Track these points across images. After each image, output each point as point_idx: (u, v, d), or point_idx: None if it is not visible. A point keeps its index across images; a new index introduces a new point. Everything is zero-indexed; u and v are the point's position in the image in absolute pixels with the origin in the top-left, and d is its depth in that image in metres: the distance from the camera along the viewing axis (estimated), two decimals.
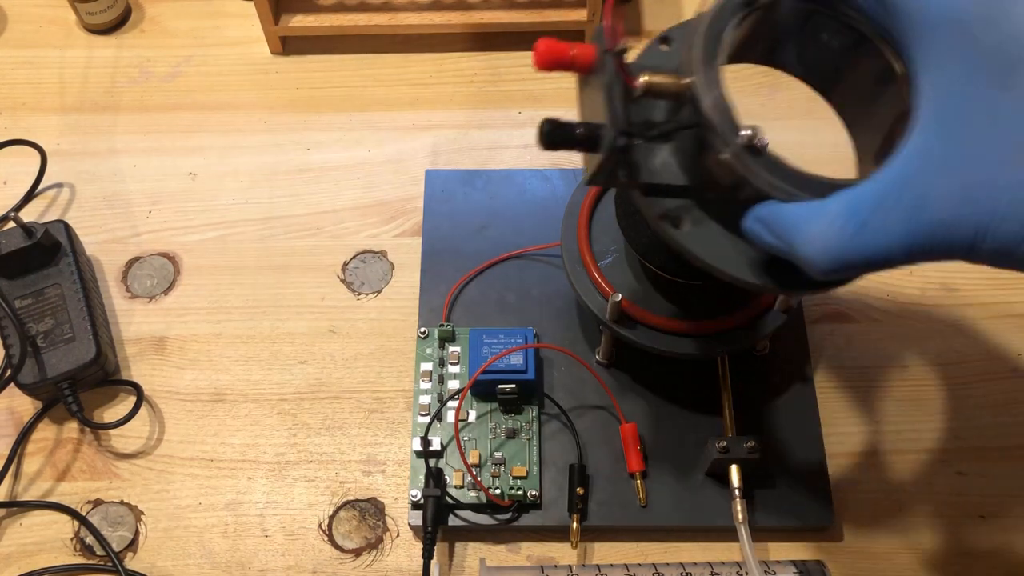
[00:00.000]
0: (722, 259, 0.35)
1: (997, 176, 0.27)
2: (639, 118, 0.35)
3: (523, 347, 0.48)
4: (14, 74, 0.66)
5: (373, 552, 0.49)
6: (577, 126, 0.34)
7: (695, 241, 0.35)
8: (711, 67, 0.33)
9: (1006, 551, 0.48)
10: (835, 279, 0.32)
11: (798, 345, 0.52)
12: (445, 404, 0.50)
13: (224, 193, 0.60)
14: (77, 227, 0.57)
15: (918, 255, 0.28)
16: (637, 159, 0.35)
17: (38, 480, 0.51)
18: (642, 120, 0.35)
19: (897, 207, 0.28)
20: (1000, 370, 0.53)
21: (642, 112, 0.35)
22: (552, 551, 0.49)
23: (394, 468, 0.51)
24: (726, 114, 0.32)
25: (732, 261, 0.35)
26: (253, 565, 0.48)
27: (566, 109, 0.64)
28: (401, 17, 0.64)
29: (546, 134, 0.34)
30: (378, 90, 0.65)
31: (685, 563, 0.46)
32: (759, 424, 0.50)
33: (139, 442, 0.52)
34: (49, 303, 0.52)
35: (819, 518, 0.48)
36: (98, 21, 0.66)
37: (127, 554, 0.49)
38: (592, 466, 0.49)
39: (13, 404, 0.53)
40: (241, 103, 0.64)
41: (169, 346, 0.55)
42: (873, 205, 0.29)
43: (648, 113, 0.36)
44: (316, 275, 0.57)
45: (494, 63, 0.66)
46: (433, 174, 0.59)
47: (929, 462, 0.51)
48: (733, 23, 0.34)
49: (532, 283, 0.54)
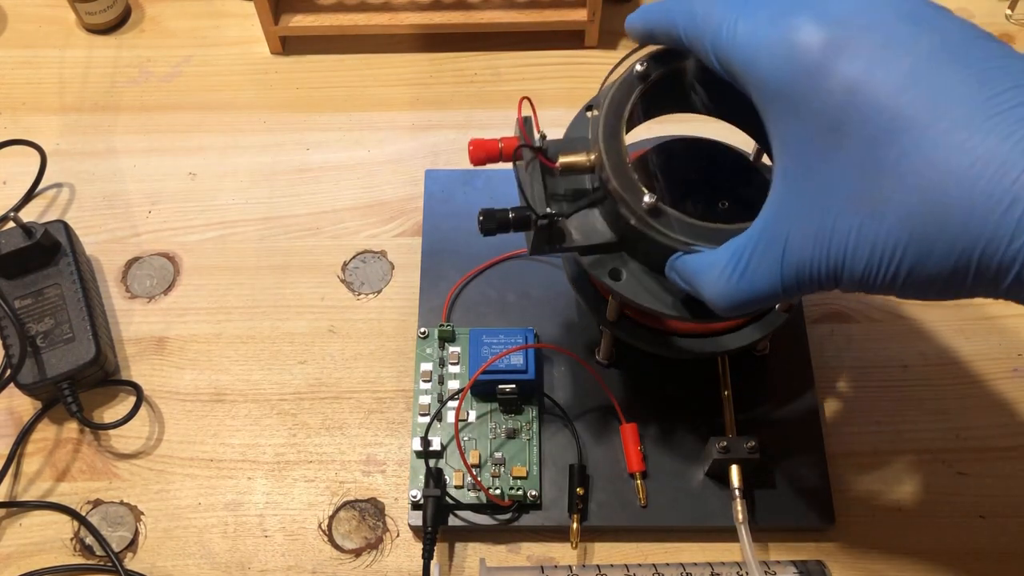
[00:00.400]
0: (655, 300, 0.40)
1: (838, 222, 0.31)
2: (570, 188, 0.41)
3: (523, 347, 0.48)
4: (14, 74, 0.66)
5: (373, 552, 0.49)
6: (509, 211, 0.40)
7: (631, 289, 0.40)
8: (614, 142, 0.38)
9: (1006, 551, 0.48)
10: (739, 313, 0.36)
11: (798, 345, 0.52)
12: (445, 404, 0.50)
13: (224, 193, 0.60)
14: (77, 227, 0.57)
15: (794, 291, 0.33)
16: (570, 226, 0.40)
17: (38, 480, 0.51)
18: (573, 189, 0.41)
19: (766, 254, 0.33)
20: (1000, 370, 0.53)
21: (573, 183, 0.41)
22: (552, 551, 0.49)
23: (394, 468, 0.51)
24: (629, 184, 0.37)
25: (664, 301, 0.40)
26: (253, 565, 0.48)
27: (565, 109, 0.63)
28: (401, 17, 0.64)
29: (481, 223, 0.40)
30: (378, 90, 0.65)
31: (685, 563, 0.46)
32: (759, 424, 0.50)
33: (139, 442, 0.52)
34: (49, 303, 0.52)
35: (819, 518, 0.48)
36: (98, 21, 0.66)
37: (127, 554, 0.49)
38: (592, 466, 0.49)
39: (13, 404, 0.53)
40: (241, 103, 0.64)
41: (169, 346, 0.55)
42: (748, 253, 0.34)
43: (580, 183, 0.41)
44: (316, 275, 0.57)
45: (494, 63, 0.66)
46: (433, 174, 0.59)
47: (929, 462, 0.51)
48: (635, 95, 0.39)
49: (532, 283, 0.54)
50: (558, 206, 0.40)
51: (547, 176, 0.40)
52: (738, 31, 0.33)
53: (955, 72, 0.29)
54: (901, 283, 0.30)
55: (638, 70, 0.40)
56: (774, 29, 0.31)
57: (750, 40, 0.32)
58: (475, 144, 0.41)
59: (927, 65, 0.29)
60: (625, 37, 0.67)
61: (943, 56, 0.29)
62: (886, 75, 0.29)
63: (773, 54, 0.31)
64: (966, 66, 0.29)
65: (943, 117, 0.28)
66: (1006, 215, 0.27)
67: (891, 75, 0.29)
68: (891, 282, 0.30)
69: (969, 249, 0.28)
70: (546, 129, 0.45)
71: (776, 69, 0.31)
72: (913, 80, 0.29)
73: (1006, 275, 0.28)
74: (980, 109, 0.28)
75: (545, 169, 0.40)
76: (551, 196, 0.40)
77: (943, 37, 0.30)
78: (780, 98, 0.32)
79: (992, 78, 0.29)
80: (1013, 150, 0.27)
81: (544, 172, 0.40)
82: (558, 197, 0.41)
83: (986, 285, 0.29)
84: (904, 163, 0.29)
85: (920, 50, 0.29)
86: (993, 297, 0.30)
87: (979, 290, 0.29)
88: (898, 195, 0.29)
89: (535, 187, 0.39)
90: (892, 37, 0.30)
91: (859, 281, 0.31)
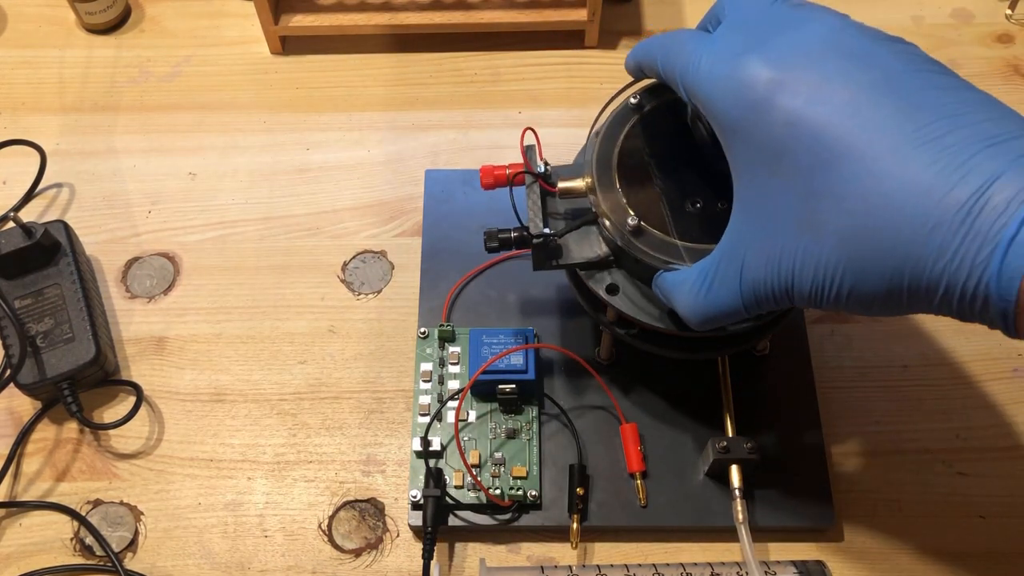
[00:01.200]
0: (648, 315, 0.43)
1: (785, 245, 0.33)
2: (570, 208, 0.45)
3: (523, 347, 0.48)
4: (14, 74, 0.66)
5: (373, 552, 0.49)
6: (511, 231, 0.44)
7: (626, 304, 0.43)
8: (606, 170, 0.42)
9: (1006, 551, 0.48)
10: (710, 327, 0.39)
11: (798, 345, 0.52)
12: (445, 404, 0.50)
13: (224, 193, 0.60)
14: (77, 227, 0.57)
15: (754, 308, 0.36)
16: (568, 243, 0.44)
17: (38, 480, 0.51)
18: (572, 209, 0.45)
19: (727, 274, 0.36)
20: (1000, 370, 0.53)
21: (572, 203, 0.45)
22: (552, 551, 0.48)
23: (394, 468, 0.51)
24: (617, 207, 0.41)
25: (655, 316, 0.43)
26: (253, 565, 0.48)
27: (565, 109, 0.64)
28: (401, 17, 0.64)
29: (486, 242, 0.44)
30: (378, 90, 0.65)
31: (685, 563, 0.46)
32: (759, 424, 0.50)
33: (139, 442, 0.52)
34: (49, 303, 0.52)
35: (819, 518, 0.48)
36: (98, 21, 0.66)
37: (127, 554, 0.49)
38: (592, 466, 0.49)
39: (13, 404, 0.53)
40: (241, 103, 0.64)
41: (169, 346, 0.55)
42: (712, 273, 0.37)
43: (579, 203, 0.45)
44: (316, 275, 0.57)
45: (494, 63, 0.66)
46: (433, 174, 0.59)
47: (929, 462, 0.51)
48: (628, 126, 0.43)
49: (532, 283, 0.54)
50: (557, 225, 0.44)
51: (547, 198, 0.44)
52: (700, 68, 0.36)
53: (888, 104, 0.31)
54: (844, 301, 0.33)
55: (632, 103, 0.44)
56: (727, 67, 0.34)
57: (708, 76, 0.35)
58: (485, 171, 0.45)
59: (862, 98, 0.32)
60: (625, 37, 0.67)
61: (879, 89, 0.32)
62: (823, 108, 0.32)
63: (725, 90, 0.34)
64: (900, 98, 0.31)
65: (874, 146, 0.31)
66: (929, 238, 0.29)
67: (827, 108, 0.32)
68: (835, 300, 0.33)
69: (899, 270, 0.30)
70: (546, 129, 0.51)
71: (728, 103, 0.34)
72: (849, 112, 0.31)
73: (934, 294, 0.30)
74: (909, 138, 0.30)
75: (545, 192, 0.44)
76: (551, 216, 0.44)
77: (880, 71, 0.32)
78: (732, 130, 0.35)
79: (923, 109, 0.31)
80: (937, 177, 0.29)
81: (544, 195, 0.44)
82: (558, 216, 0.45)
83: (919, 303, 0.31)
84: (839, 190, 0.31)
85: (857, 84, 0.32)
86: (930, 313, 0.31)
87: (915, 307, 0.31)
88: (835, 220, 0.31)
89: (535, 209, 0.44)
90: (830, 73, 0.32)
91: (807, 299, 0.34)
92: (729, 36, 0.36)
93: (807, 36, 0.34)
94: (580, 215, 0.44)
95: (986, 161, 0.29)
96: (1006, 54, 0.66)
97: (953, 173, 0.29)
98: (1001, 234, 0.28)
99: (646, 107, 0.44)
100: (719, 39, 0.36)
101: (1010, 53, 0.66)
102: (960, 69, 0.64)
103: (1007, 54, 0.66)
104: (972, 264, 0.29)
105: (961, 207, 0.29)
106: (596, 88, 0.65)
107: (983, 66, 0.65)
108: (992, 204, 0.28)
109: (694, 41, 0.37)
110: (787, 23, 0.34)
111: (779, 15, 0.35)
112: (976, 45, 0.66)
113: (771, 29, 0.35)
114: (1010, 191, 0.28)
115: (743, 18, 0.37)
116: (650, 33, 0.67)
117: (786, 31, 0.34)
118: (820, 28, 0.34)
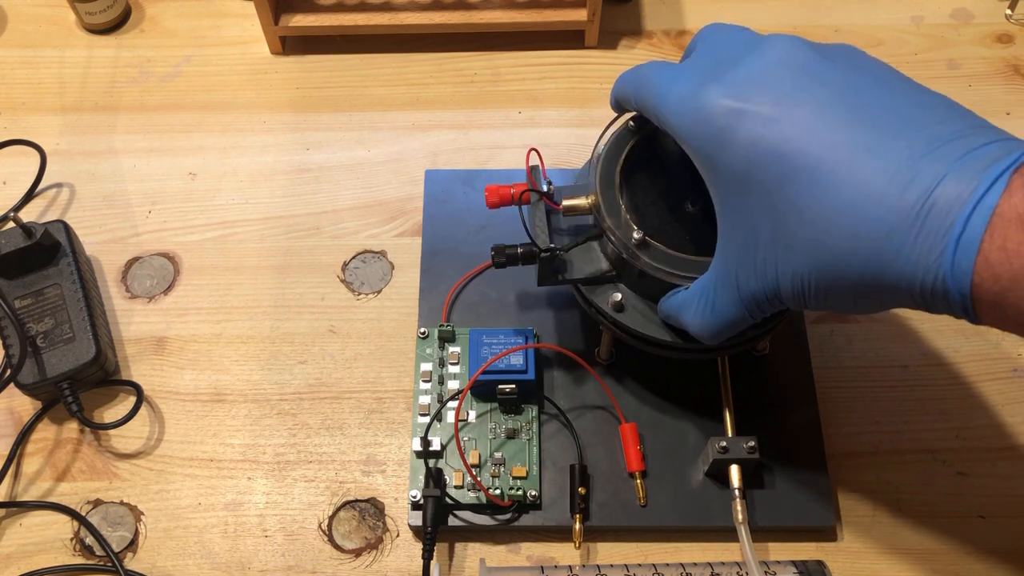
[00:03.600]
0: (656, 330, 0.45)
1: (764, 256, 0.35)
2: (572, 225, 0.47)
3: (523, 347, 0.48)
4: (14, 74, 0.66)
5: (373, 552, 0.49)
6: (517, 247, 0.45)
7: (632, 320, 0.45)
8: (609, 189, 0.44)
9: (1006, 551, 0.48)
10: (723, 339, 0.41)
11: (798, 345, 0.52)
12: (445, 404, 0.50)
13: (224, 193, 0.60)
14: (77, 227, 0.57)
15: (758, 314, 0.38)
16: (572, 258, 0.46)
17: (38, 480, 0.51)
18: (575, 226, 0.47)
19: (725, 288, 0.38)
20: (1000, 370, 0.53)
21: (574, 220, 0.47)
22: (552, 551, 0.49)
23: (394, 468, 0.51)
24: (621, 223, 0.43)
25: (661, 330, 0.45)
26: (253, 565, 0.48)
27: (565, 109, 0.64)
28: (401, 17, 0.64)
29: (493, 258, 0.46)
30: (378, 90, 0.65)
31: (685, 563, 0.46)
32: (759, 424, 0.50)
33: (139, 442, 0.52)
34: (49, 303, 0.52)
35: (819, 518, 0.48)
36: (98, 21, 0.66)
37: (127, 554, 0.49)
38: (592, 466, 0.49)
39: (13, 404, 0.53)
40: (241, 103, 0.64)
41: (169, 346, 0.55)
42: (711, 291, 0.39)
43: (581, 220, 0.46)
44: (316, 275, 0.57)
45: (494, 63, 0.66)
46: (433, 174, 0.59)
47: (929, 462, 0.51)
48: (628, 147, 0.45)
49: (532, 283, 0.54)
50: (561, 240, 0.46)
51: (551, 216, 0.46)
52: (669, 101, 0.38)
53: (840, 116, 0.33)
54: (826, 303, 0.35)
55: (631, 125, 0.45)
56: (691, 100, 0.36)
57: (676, 109, 0.37)
58: (490, 190, 0.47)
59: (816, 113, 0.33)
60: (625, 37, 0.67)
61: (831, 103, 0.33)
62: (780, 127, 0.33)
63: (693, 120, 0.36)
64: (851, 110, 0.33)
65: (829, 158, 0.32)
66: (887, 241, 0.31)
67: (784, 127, 0.33)
68: (818, 303, 0.35)
69: (864, 272, 0.32)
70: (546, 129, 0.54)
71: (696, 133, 0.36)
72: (804, 129, 0.33)
73: (901, 292, 0.32)
74: (861, 148, 0.32)
75: (550, 210, 0.46)
76: (555, 231, 0.46)
77: (835, 86, 0.34)
78: (703, 156, 0.36)
79: (878, 121, 0.32)
80: (889, 183, 0.31)
81: (549, 212, 0.46)
82: (561, 232, 0.46)
83: (892, 300, 0.33)
84: (801, 202, 0.33)
85: (812, 101, 0.33)
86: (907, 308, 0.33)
87: (890, 304, 0.33)
88: (800, 231, 0.33)
89: (540, 226, 0.46)
90: (786, 93, 0.34)
91: (794, 304, 0.36)
92: (693, 67, 0.38)
93: (761, 61, 0.35)
94: (582, 232, 0.46)
95: (932, 164, 0.30)
96: (1006, 54, 0.66)
97: (903, 178, 0.31)
98: (949, 233, 0.30)
99: (645, 129, 0.45)
100: (684, 71, 0.38)
101: (1010, 53, 0.66)
102: (960, 69, 0.65)
103: (1007, 54, 0.66)
104: (927, 263, 0.30)
105: (911, 210, 0.30)
106: (596, 88, 0.65)
107: (983, 66, 0.65)
108: (939, 205, 0.30)
109: (660, 74, 0.39)
110: (745, 50, 0.36)
111: (740, 44, 0.37)
112: (976, 45, 0.66)
113: (731, 58, 0.36)
114: (953, 191, 0.30)
115: (708, 49, 0.39)
116: (649, 33, 0.67)
117: (743, 58, 0.36)
118: (772, 51, 0.35)
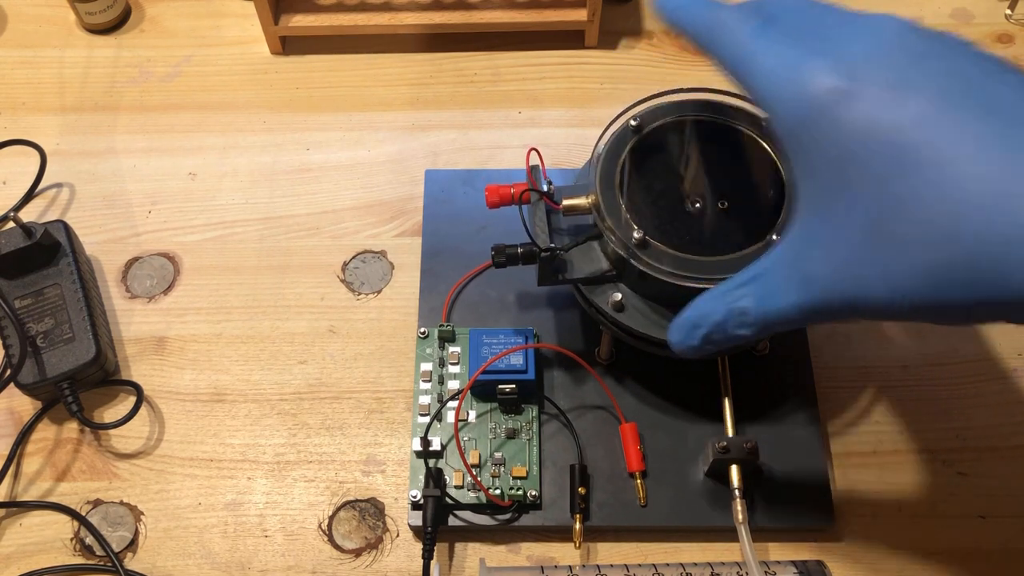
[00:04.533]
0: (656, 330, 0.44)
1: (855, 254, 0.32)
2: (572, 225, 0.46)
3: (523, 347, 0.48)
4: (14, 74, 0.66)
5: (373, 552, 0.49)
6: (517, 247, 0.45)
7: (632, 320, 0.45)
8: (609, 188, 0.44)
9: (1006, 551, 0.48)
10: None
11: (798, 345, 0.52)
12: (445, 404, 0.50)
13: (224, 193, 0.60)
14: (77, 227, 0.57)
15: (813, 318, 0.34)
16: (572, 258, 0.45)
17: (38, 480, 0.51)
18: (574, 226, 0.46)
19: (790, 282, 0.34)
20: (1000, 370, 0.53)
21: (574, 220, 0.46)
22: (552, 551, 0.48)
23: (394, 468, 0.51)
24: (621, 223, 0.43)
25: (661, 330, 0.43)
26: (253, 565, 0.48)
27: (565, 109, 0.64)
28: (401, 17, 0.64)
29: (493, 257, 0.46)
30: (378, 90, 0.65)
31: (685, 563, 0.46)
32: (759, 424, 0.50)
33: (139, 442, 0.52)
34: (49, 303, 0.52)
35: (819, 518, 0.48)
36: (98, 21, 0.66)
37: (127, 554, 0.49)
38: (592, 466, 0.49)
39: (13, 404, 0.53)
40: (241, 103, 0.64)
41: (169, 346, 0.55)
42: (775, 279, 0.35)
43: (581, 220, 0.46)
44: (316, 275, 0.57)
45: (494, 63, 0.66)
46: (433, 174, 0.59)
47: (929, 462, 0.51)
48: (629, 146, 0.45)
49: (532, 283, 0.54)
50: (561, 240, 0.46)
51: (551, 215, 0.46)
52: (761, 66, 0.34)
53: (966, 109, 0.29)
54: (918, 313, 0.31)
55: (632, 124, 0.45)
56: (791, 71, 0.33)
57: (771, 79, 0.34)
58: (490, 190, 0.47)
59: (937, 104, 0.30)
60: (625, 37, 0.67)
61: (954, 93, 0.30)
62: (896, 115, 0.30)
63: (791, 95, 0.33)
64: (978, 102, 0.30)
65: (954, 153, 0.29)
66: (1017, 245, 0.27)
67: (901, 115, 0.30)
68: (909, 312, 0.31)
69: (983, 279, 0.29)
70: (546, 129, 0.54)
71: (793, 108, 0.33)
72: (922, 119, 0.30)
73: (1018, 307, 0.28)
74: (992, 144, 0.29)
75: (550, 210, 0.46)
76: (555, 231, 0.46)
77: (955, 74, 0.31)
78: (797, 135, 0.33)
79: (1005, 113, 0.29)
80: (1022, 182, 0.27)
81: (549, 212, 0.46)
82: (561, 232, 0.46)
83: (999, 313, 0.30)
84: (916, 199, 0.30)
85: (930, 89, 0.30)
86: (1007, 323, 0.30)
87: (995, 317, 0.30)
88: (915, 228, 0.30)
89: (540, 226, 0.45)
90: (902, 78, 0.31)
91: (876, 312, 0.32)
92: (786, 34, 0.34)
93: (874, 40, 0.32)
94: (582, 232, 0.46)
95: None
96: (1006, 54, 0.66)
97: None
98: None
99: (646, 128, 0.45)
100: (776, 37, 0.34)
101: (1010, 53, 0.66)
102: None
103: (1007, 54, 0.66)
104: None
105: None
106: (596, 88, 0.65)
107: None
108: None
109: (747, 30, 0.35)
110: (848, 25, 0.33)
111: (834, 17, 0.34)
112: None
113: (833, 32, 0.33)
114: None
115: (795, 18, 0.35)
116: (649, 34, 0.67)
117: (850, 34, 0.33)
118: (885, 31, 0.32)
